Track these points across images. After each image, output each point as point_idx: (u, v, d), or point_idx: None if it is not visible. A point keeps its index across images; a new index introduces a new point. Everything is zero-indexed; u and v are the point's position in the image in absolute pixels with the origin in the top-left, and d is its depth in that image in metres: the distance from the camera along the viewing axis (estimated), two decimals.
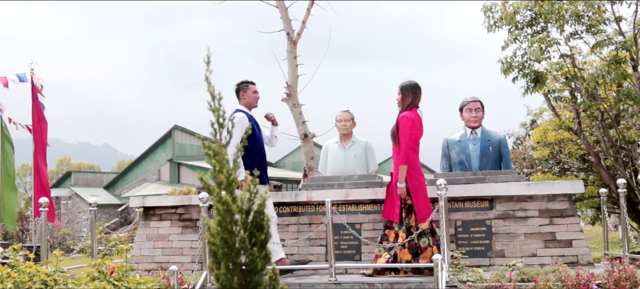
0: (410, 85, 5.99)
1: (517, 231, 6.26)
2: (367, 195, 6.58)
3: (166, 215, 7.44)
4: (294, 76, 10.20)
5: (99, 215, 30.31)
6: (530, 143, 14.64)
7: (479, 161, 6.78)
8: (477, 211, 6.40)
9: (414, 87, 5.98)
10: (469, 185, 6.39)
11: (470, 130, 6.89)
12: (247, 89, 6.23)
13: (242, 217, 1.59)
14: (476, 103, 6.88)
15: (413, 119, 5.86)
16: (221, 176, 1.59)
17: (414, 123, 5.86)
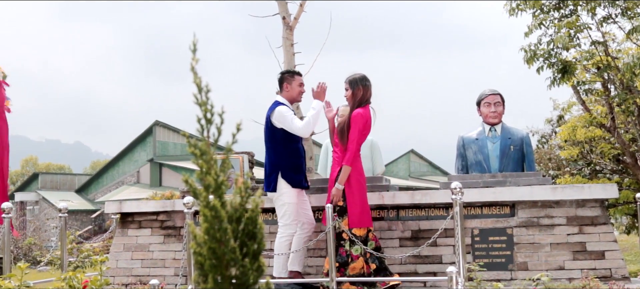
0: (360, 78, 6.08)
1: (542, 241, 6.27)
2: (373, 200, 6.59)
3: (146, 222, 7.45)
4: (291, 66, 10.20)
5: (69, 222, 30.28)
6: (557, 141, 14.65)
7: (498, 161, 6.79)
8: (497, 219, 6.41)
9: (363, 79, 6.08)
10: (487, 188, 6.40)
11: (489, 126, 6.90)
12: (293, 81, 6.27)
13: (232, 225, 1.60)
14: (495, 97, 6.89)
15: (367, 118, 5.97)
16: (209, 178, 1.60)
17: (367, 123, 5.98)
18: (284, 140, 6.09)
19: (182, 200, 6.57)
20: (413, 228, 6.59)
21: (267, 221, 7.00)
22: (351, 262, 5.91)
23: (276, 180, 6.10)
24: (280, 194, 6.11)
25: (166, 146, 34.78)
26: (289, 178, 6.08)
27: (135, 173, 35.54)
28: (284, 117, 6.05)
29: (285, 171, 6.09)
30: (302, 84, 6.36)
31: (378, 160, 7.31)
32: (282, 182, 6.09)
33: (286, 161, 6.08)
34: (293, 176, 6.10)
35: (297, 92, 6.28)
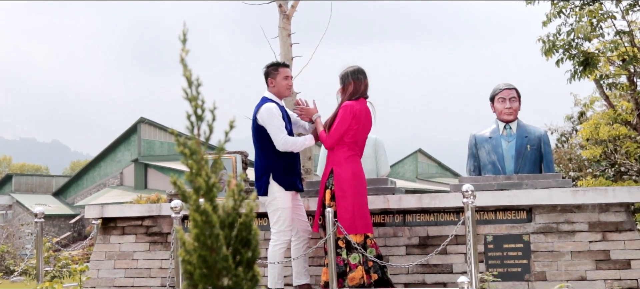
0: (351, 71, 6.08)
1: (561, 249, 6.27)
2: (377, 204, 6.59)
3: (130, 227, 7.45)
4: (288, 58, 10.21)
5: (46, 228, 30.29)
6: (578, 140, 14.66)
7: (514, 162, 6.80)
8: (512, 224, 6.41)
9: (356, 72, 6.07)
10: (501, 191, 6.40)
11: (504, 124, 6.90)
12: (277, 74, 6.19)
13: (224, 230, 1.60)
14: (511, 92, 6.90)
15: (357, 111, 5.95)
16: (199, 180, 1.60)
17: (356, 116, 5.95)
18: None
19: (170, 203, 6.57)
20: (421, 234, 6.60)
21: (262, 227, 7.01)
22: (350, 272, 5.91)
23: (267, 183, 6.07)
24: (272, 198, 6.07)
25: (152, 146, 34.77)
26: (281, 180, 6.05)
27: (118, 175, 35.52)
28: (271, 119, 5.99)
29: (277, 172, 6.04)
30: (289, 77, 6.23)
31: (382, 160, 7.31)
32: (274, 185, 6.05)
33: (278, 162, 6.05)
34: (286, 178, 6.06)
35: (283, 86, 6.18)
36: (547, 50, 9.61)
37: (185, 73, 1.63)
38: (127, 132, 35.39)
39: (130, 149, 35.29)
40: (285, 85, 6.18)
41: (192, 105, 1.63)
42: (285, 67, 6.29)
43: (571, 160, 15.00)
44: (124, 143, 35.74)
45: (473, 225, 5.40)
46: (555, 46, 9.60)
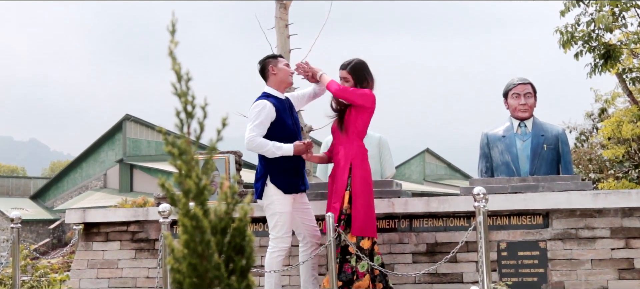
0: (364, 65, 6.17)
1: (581, 257, 6.28)
2: (381, 208, 6.60)
3: (115, 233, 7.45)
4: (285, 50, 10.21)
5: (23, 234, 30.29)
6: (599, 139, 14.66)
7: (529, 163, 6.80)
8: (528, 230, 6.41)
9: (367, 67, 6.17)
10: (516, 194, 6.40)
11: (518, 122, 6.91)
12: (278, 62, 6.27)
13: (216, 236, 1.60)
14: (526, 87, 6.90)
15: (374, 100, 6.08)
16: (189, 182, 1.60)
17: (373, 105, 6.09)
18: (274, 137, 6.06)
19: (158, 207, 6.57)
20: (429, 241, 6.60)
21: (257, 233, 7.01)
22: (356, 280, 5.92)
23: (264, 185, 6.08)
24: (269, 202, 6.07)
25: (138, 145, 34.78)
26: (279, 183, 6.04)
27: (102, 177, 35.51)
28: (253, 114, 6.02)
29: (275, 174, 6.04)
30: (288, 65, 6.39)
31: (387, 160, 7.32)
32: (271, 187, 6.05)
33: (277, 162, 6.05)
34: (285, 179, 6.06)
35: (285, 72, 6.23)
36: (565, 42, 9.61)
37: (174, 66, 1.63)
38: (111, 130, 35.40)
39: (114, 149, 35.28)
40: (287, 72, 6.26)
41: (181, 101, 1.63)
42: (283, 58, 6.43)
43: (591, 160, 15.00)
44: (108, 143, 35.74)
45: (485, 231, 5.40)
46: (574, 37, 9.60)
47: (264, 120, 5.98)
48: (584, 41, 9.65)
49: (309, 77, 6.42)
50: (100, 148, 36.11)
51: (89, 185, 35.93)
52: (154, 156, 34.56)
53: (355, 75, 6.09)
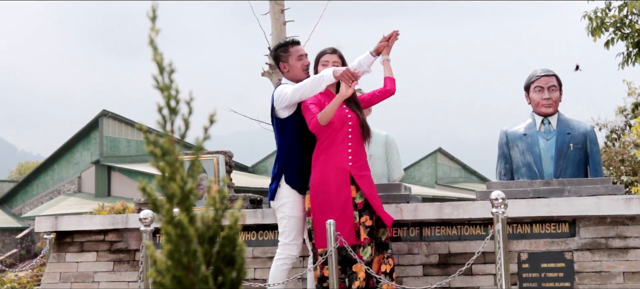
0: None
1: (612, 270, 6.28)
2: (388, 214, 6.60)
3: (90, 243, 7.45)
4: (280, 38, 10.20)
5: None
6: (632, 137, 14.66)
7: (554, 164, 6.80)
8: (552, 239, 6.42)
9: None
10: (538, 199, 6.40)
11: (541, 118, 6.90)
12: (288, 56, 6.22)
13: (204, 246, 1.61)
14: (550, 79, 6.90)
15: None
16: (173, 185, 1.61)
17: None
18: (296, 133, 6.07)
19: (138, 214, 6.58)
20: (441, 251, 6.60)
21: (249, 242, 7.02)
22: None
23: (278, 185, 6.10)
24: (280, 204, 6.09)
25: (117, 144, 34.77)
26: (294, 182, 6.07)
27: (76, 180, 35.51)
28: (281, 93, 6.01)
29: (290, 172, 6.07)
30: (303, 55, 6.26)
31: (395, 161, 7.32)
32: (284, 188, 6.07)
33: (294, 159, 6.07)
34: (301, 178, 6.08)
35: (299, 68, 6.20)
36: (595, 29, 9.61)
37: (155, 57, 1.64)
38: (86, 128, 35.37)
39: (90, 148, 35.27)
40: (300, 67, 6.21)
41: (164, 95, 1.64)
42: (296, 45, 6.28)
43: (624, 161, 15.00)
44: (82, 142, 35.73)
45: (504, 240, 5.40)
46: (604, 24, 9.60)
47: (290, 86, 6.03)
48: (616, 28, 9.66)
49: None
50: (73, 148, 36.10)
51: (62, 189, 35.92)
52: (134, 157, 34.53)
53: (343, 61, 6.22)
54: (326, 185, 5.95)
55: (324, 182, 5.95)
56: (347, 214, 5.96)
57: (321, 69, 6.12)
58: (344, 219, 5.93)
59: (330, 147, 5.99)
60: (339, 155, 6.00)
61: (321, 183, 5.95)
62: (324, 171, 5.95)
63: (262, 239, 7.01)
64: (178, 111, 1.66)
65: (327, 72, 5.92)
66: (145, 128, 1.73)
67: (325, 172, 5.95)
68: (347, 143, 6.10)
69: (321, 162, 5.98)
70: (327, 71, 5.93)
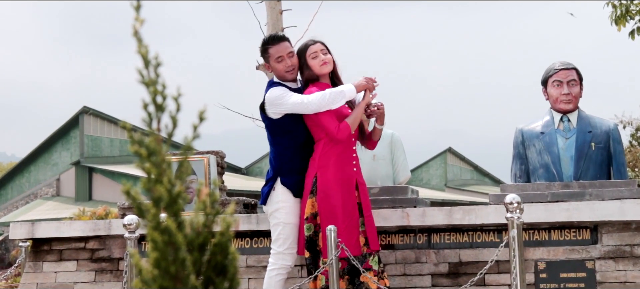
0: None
1: (637, 280, 6.27)
2: (394, 220, 6.60)
3: (70, 251, 7.45)
4: (277, 28, 10.21)
5: None
6: None
7: (573, 165, 6.80)
8: (572, 247, 6.42)
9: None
10: (557, 203, 6.40)
11: (560, 115, 6.90)
12: (268, 57, 6.21)
13: (193, 254, 1.61)
14: (569, 73, 6.89)
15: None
16: (160, 188, 1.61)
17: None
18: (287, 135, 6.08)
19: (122, 219, 6.58)
20: (451, 259, 6.60)
21: (243, 250, 7.01)
22: None
23: (272, 188, 6.09)
24: (274, 208, 6.08)
25: (98, 144, 34.77)
26: (290, 184, 6.07)
27: (54, 182, 35.50)
28: (277, 100, 6.00)
29: (286, 174, 6.06)
30: (283, 57, 6.08)
31: (401, 162, 7.32)
32: (279, 191, 6.05)
33: (290, 161, 6.06)
34: (298, 181, 6.08)
35: (280, 70, 6.12)
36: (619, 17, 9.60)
37: (140, 49, 1.64)
38: (65, 126, 35.37)
39: (69, 148, 35.27)
40: (282, 69, 6.10)
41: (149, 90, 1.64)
42: (274, 45, 6.16)
43: None
44: (61, 141, 35.73)
45: (520, 248, 5.39)
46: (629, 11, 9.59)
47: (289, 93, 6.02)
48: None
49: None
50: (52, 147, 36.09)
51: (39, 193, 35.91)
52: (118, 158, 34.53)
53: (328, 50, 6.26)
54: (334, 191, 5.96)
55: (333, 188, 5.96)
56: (355, 222, 5.99)
57: (312, 63, 6.11)
58: (351, 227, 5.95)
59: (335, 150, 6.02)
60: (346, 159, 6.06)
61: (329, 188, 5.96)
62: (334, 175, 5.98)
63: (256, 247, 7.00)
64: (165, 107, 1.66)
65: (348, 88, 6.01)
66: (130, 126, 1.73)
67: (336, 177, 5.98)
68: (352, 146, 6.14)
69: (327, 165, 5.99)
70: (349, 87, 6.01)
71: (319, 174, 5.98)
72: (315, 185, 5.98)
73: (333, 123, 5.95)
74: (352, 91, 5.99)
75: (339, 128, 5.94)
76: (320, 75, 6.11)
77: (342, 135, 5.94)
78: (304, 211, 6.02)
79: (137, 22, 1.63)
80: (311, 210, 6.00)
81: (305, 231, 6.00)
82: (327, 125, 5.97)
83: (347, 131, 5.93)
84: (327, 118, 5.96)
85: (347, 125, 5.94)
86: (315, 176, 5.99)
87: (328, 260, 5.79)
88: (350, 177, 6.06)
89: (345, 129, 5.93)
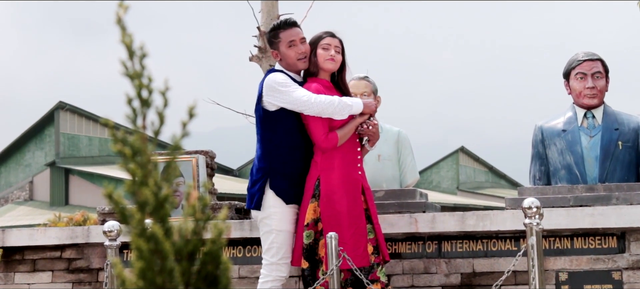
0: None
1: None
2: (401, 226, 6.60)
3: (44, 261, 7.45)
4: (272, 16, 10.22)
5: None
6: None
7: (599, 166, 6.79)
8: (597, 256, 6.42)
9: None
10: (581, 208, 6.41)
11: (584, 111, 6.90)
12: (279, 43, 6.20)
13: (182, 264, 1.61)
14: (594, 64, 6.88)
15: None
16: (145, 191, 1.61)
17: None
18: (281, 131, 6.08)
19: (102, 226, 6.57)
20: (464, 270, 6.61)
21: (235, 259, 7.02)
22: None
23: (262, 192, 6.07)
24: (265, 215, 6.07)
25: (76, 142, 34.76)
26: (279, 189, 6.05)
27: (27, 185, 35.49)
28: (280, 86, 6.01)
29: (276, 177, 6.06)
30: (295, 41, 6.21)
31: (409, 163, 7.32)
32: (270, 196, 6.05)
33: (280, 161, 6.05)
34: (288, 185, 6.07)
35: (291, 57, 6.17)
36: None
37: (123, 38, 1.64)
38: (39, 124, 35.35)
39: (43, 148, 35.26)
40: (293, 56, 6.14)
41: (134, 84, 1.64)
42: (287, 29, 6.20)
43: None
44: (34, 140, 35.72)
45: (539, 257, 5.40)
46: None
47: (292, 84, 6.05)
48: None
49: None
50: (24, 147, 36.08)
51: (10, 197, 35.89)
52: (97, 158, 34.52)
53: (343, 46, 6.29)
54: (339, 195, 5.97)
55: (337, 191, 5.97)
56: (361, 230, 6.00)
57: (320, 53, 6.12)
58: (358, 235, 5.96)
59: (339, 151, 6.03)
60: (351, 161, 6.09)
61: (334, 192, 5.97)
62: (339, 178, 5.99)
63: (250, 256, 7.00)
64: (151, 103, 1.67)
65: (357, 104, 6.07)
66: (112, 123, 1.74)
67: (341, 180, 5.99)
68: (357, 148, 6.16)
69: (331, 167, 6.00)
70: (358, 104, 6.08)
71: (322, 176, 5.98)
72: (317, 188, 5.98)
73: (322, 130, 5.96)
74: (358, 109, 6.05)
75: (327, 137, 5.95)
76: (321, 70, 6.12)
77: (327, 144, 5.96)
78: (304, 217, 6.01)
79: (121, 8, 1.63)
80: (312, 216, 5.99)
81: (304, 239, 5.98)
82: (315, 130, 5.99)
83: (334, 142, 5.95)
84: (317, 123, 5.97)
85: (335, 137, 5.96)
86: (317, 179, 5.99)
87: (329, 271, 5.79)
88: (356, 180, 6.07)
89: (333, 139, 5.95)
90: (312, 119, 5.96)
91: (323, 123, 5.95)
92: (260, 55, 10.16)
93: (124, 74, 1.65)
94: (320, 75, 6.14)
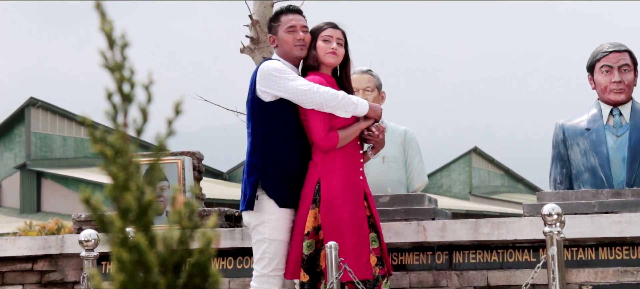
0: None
1: None
2: (408, 235, 6.61)
3: (14, 274, 7.45)
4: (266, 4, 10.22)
5: None
6: None
7: (626, 168, 6.80)
8: (624, 267, 6.43)
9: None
10: (606, 215, 6.41)
11: (610, 108, 6.90)
12: (278, 27, 6.27)
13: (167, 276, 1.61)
14: (622, 56, 6.88)
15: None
16: (127, 196, 1.61)
17: None
18: (276, 125, 6.09)
19: (78, 235, 6.58)
20: (478, 283, 6.62)
21: (225, 271, 7.02)
22: None
23: (254, 192, 6.08)
24: (258, 222, 6.08)
25: (49, 143, 34.77)
26: (272, 190, 6.05)
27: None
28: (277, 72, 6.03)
29: (269, 176, 6.07)
30: (295, 27, 6.24)
31: (416, 165, 7.33)
32: (263, 198, 6.06)
33: (274, 158, 6.07)
34: (282, 186, 6.07)
35: (288, 42, 6.19)
36: None
37: (103, 26, 1.64)
38: (8, 122, 35.38)
39: (13, 149, 35.28)
40: (291, 40, 6.18)
41: (114, 77, 1.64)
42: (289, 14, 6.29)
43: None
44: (3, 140, 35.74)
45: (561, 269, 5.40)
46: None
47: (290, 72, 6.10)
48: None
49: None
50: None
51: None
52: (73, 160, 34.54)
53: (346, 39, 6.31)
54: (341, 201, 5.98)
55: (339, 197, 5.98)
56: (364, 239, 6.00)
57: (320, 45, 6.14)
58: (361, 245, 5.97)
59: (340, 152, 6.04)
60: (353, 164, 6.11)
61: (335, 197, 5.98)
62: (341, 182, 6.00)
63: (241, 267, 7.01)
64: (133, 98, 1.67)
65: (363, 105, 6.10)
66: (90, 121, 1.73)
67: (343, 184, 6.00)
68: (359, 150, 6.17)
69: (332, 170, 6.01)
70: (364, 104, 6.10)
71: (323, 180, 5.98)
72: (318, 193, 5.98)
73: (322, 127, 5.97)
74: (364, 110, 6.07)
75: (327, 135, 5.95)
76: (321, 64, 6.13)
77: (327, 144, 5.97)
78: (303, 224, 6.00)
79: None
80: (313, 224, 5.98)
81: (304, 249, 5.96)
82: (314, 126, 5.99)
83: (335, 142, 5.96)
84: (317, 119, 5.98)
85: (336, 136, 5.96)
86: (317, 183, 5.99)
87: (329, 284, 5.80)
88: (358, 185, 6.08)
89: (333, 139, 5.96)
90: (311, 114, 5.96)
91: (324, 120, 5.95)
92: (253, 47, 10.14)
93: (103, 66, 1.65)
94: (321, 69, 6.15)
